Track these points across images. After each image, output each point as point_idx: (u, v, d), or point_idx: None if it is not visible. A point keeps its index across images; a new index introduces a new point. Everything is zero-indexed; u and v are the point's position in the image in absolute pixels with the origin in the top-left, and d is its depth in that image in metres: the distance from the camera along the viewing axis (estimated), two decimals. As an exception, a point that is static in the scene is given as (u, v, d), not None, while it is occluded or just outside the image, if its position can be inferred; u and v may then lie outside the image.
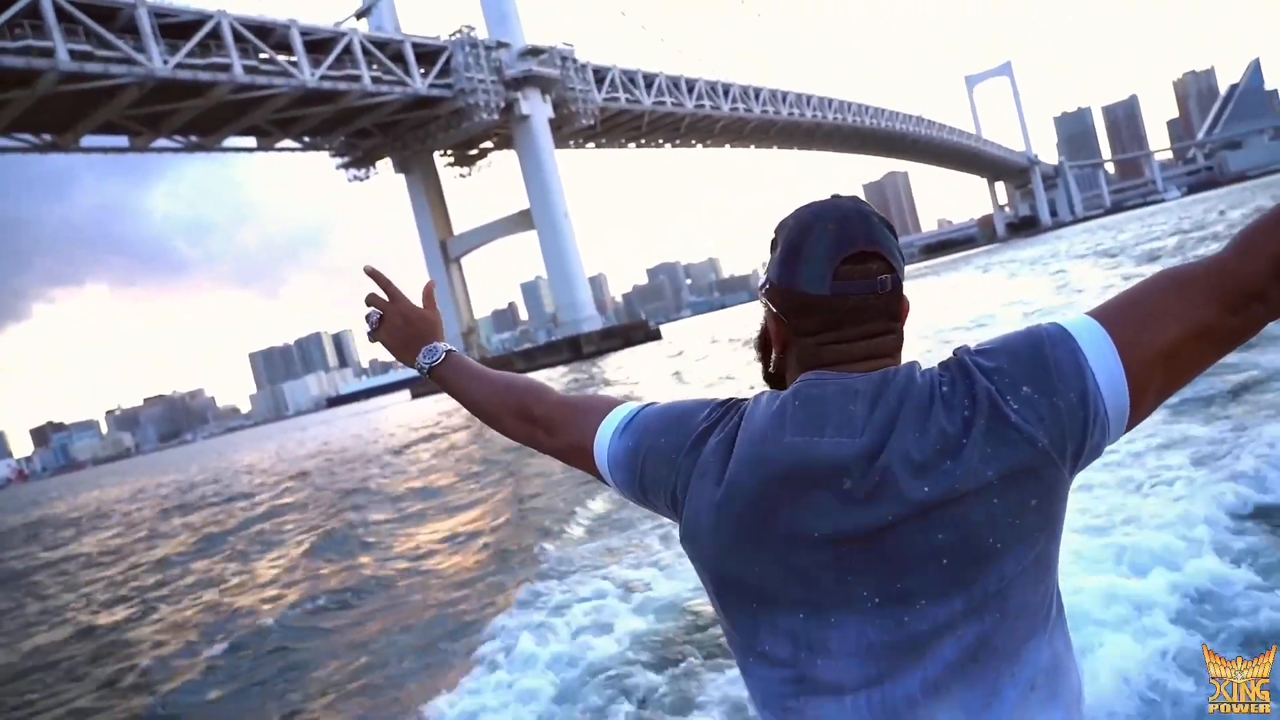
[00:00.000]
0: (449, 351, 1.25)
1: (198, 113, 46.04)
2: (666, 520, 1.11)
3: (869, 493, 0.85)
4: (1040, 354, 0.87)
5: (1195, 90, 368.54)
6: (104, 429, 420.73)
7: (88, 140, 45.56)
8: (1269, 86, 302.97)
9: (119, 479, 53.61)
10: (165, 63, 40.25)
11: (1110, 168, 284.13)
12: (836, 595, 0.87)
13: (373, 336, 1.29)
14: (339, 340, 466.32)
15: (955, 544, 0.83)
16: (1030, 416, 0.84)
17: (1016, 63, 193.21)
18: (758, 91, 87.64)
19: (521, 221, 64.05)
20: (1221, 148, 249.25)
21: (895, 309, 0.93)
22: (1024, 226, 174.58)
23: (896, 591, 0.85)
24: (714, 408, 0.99)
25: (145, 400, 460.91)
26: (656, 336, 63.11)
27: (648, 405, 1.07)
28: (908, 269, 0.94)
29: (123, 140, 48.07)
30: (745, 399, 0.98)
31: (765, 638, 0.90)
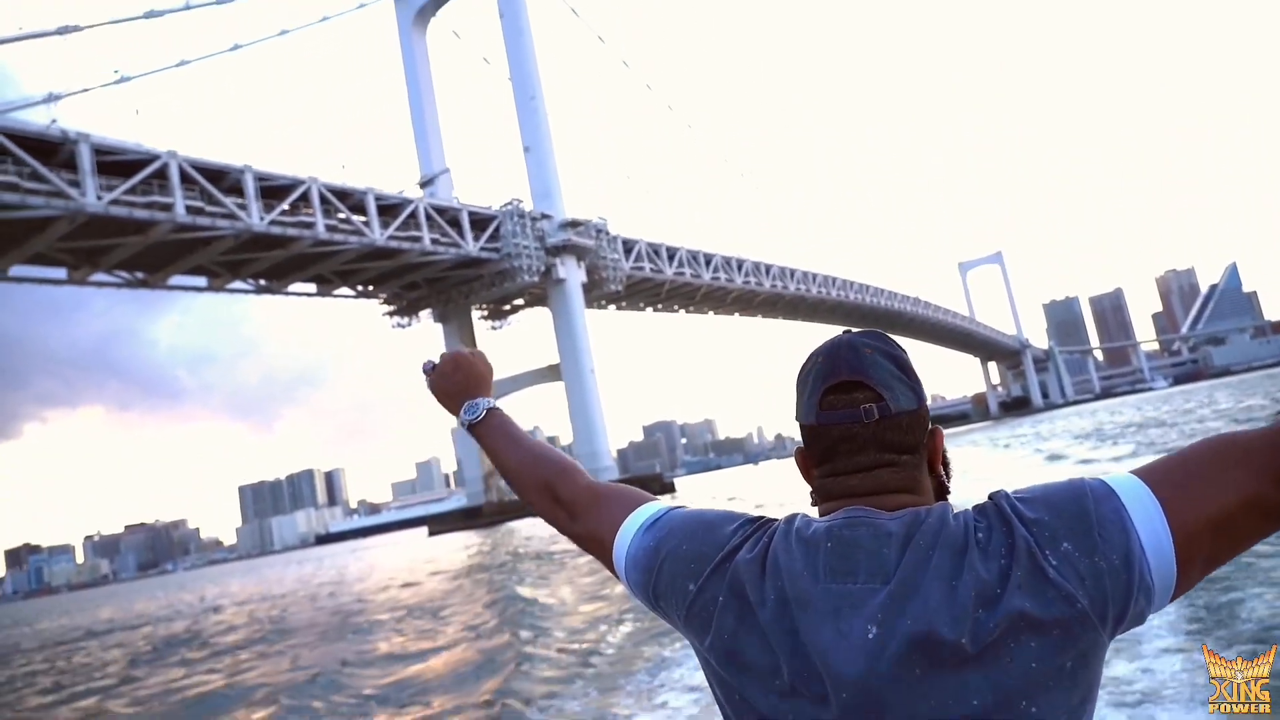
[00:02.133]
0: (490, 409, 1.25)
1: (275, 262, 51.38)
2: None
3: (898, 643, 0.80)
4: (1083, 509, 0.81)
5: (1177, 286, 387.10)
6: (80, 555, 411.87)
7: (174, 280, 50.58)
8: (1246, 288, 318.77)
9: (93, 605, 54.42)
10: (262, 219, 45.75)
11: (1099, 355, 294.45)
12: None
13: (428, 382, 1.31)
14: (331, 478, 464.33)
15: (988, 707, 0.77)
16: (1070, 575, 0.79)
17: (1007, 251, 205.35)
18: (769, 267, 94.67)
19: (549, 374, 68.65)
20: (1205, 343, 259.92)
21: (893, 440, 0.91)
22: (1016, 406, 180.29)
23: None
24: (744, 523, 0.97)
25: (126, 527, 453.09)
26: (671, 489, 66.44)
27: (676, 508, 1.05)
28: None
29: (202, 281, 53.17)
30: (775, 519, 0.96)
31: None
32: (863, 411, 0.90)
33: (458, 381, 1.28)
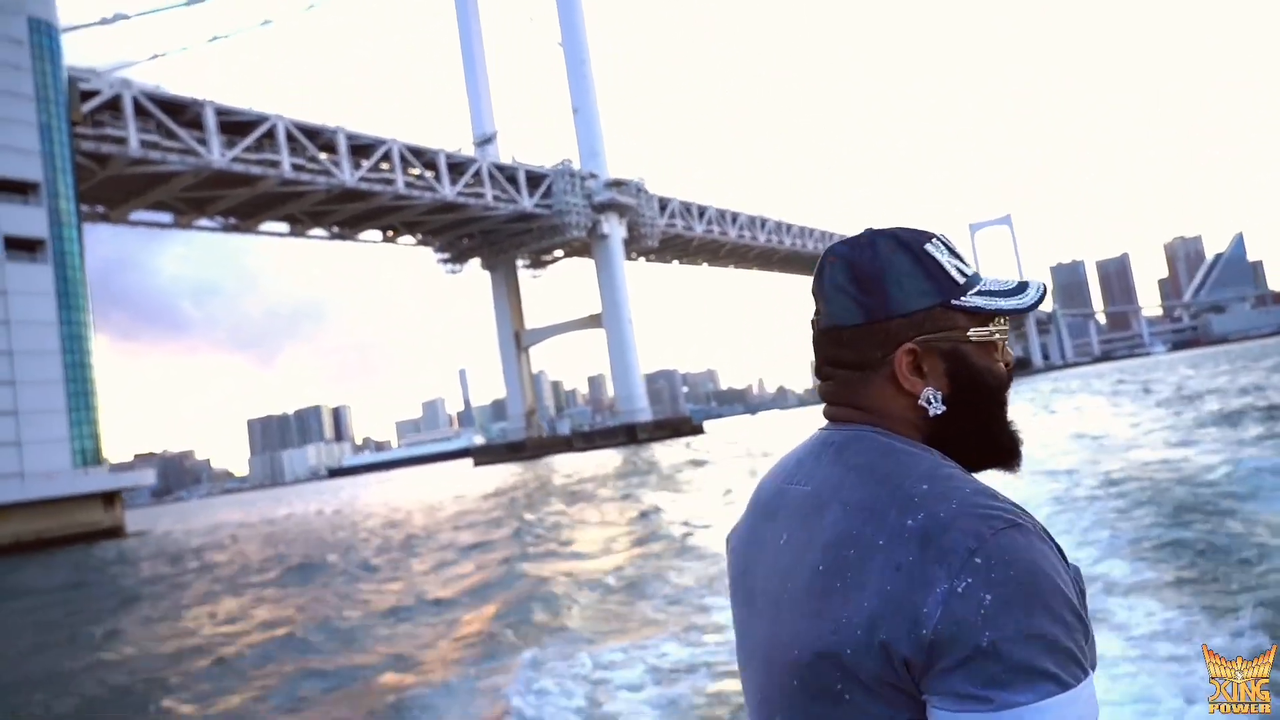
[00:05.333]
0: None
1: (355, 213, 56.47)
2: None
3: (796, 555, 0.74)
4: (1038, 587, 0.63)
5: (1184, 254, 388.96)
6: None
7: (266, 225, 55.80)
8: (1251, 258, 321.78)
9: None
10: (351, 175, 50.75)
11: (1101, 318, 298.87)
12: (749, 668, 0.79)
13: None
14: (338, 414, 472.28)
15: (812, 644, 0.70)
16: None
17: (1015, 212, 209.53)
18: (789, 226, 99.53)
19: (590, 322, 74.05)
20: (1206, 310, 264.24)
21: (832, 354, 0.81)
22: (1017, 366, 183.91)
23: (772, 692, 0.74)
24: None
25: (136, 456, 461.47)
26: (700, 431, 72.31)
27: None
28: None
29: (285, 228, 58.31)
30: None
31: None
32: (821, 316, 0.81)
33: None
